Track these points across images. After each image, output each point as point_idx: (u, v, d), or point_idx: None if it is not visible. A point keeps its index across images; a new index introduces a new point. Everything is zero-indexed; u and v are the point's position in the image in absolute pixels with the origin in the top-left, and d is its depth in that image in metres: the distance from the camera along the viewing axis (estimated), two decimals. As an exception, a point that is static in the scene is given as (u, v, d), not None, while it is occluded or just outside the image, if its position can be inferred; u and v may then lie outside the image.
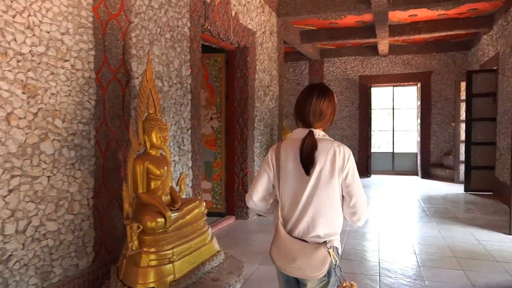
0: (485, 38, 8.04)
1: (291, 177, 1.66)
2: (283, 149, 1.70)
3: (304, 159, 1.61)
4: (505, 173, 6.43)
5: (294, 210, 1.64)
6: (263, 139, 6.03)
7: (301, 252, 1.57)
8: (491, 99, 7.35)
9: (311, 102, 1.69)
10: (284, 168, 1.66)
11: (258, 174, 1.77)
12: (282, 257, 1.61)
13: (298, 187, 1.63)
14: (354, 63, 10.46)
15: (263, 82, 5.95)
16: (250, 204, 1.79)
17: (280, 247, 1.61)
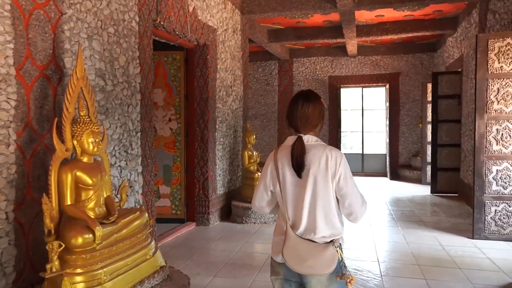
0: (450, 40, 8.08)
1: (290, 183, 1.75)
2: (279, 156, 1.78)
3: (294, 163, 1.71)
4: (469, 175, 6.43)
5: (298, 213, 1.74)
6: (226, 141, 5.78)
7: (312, 252, 1.69)
8: (456, 100, 7.38)
9: (297, 108, 1.79)
10: (282, 174, 1.76)
11: (259, 181, 1.88)
12: (294, 258, 1.69)
13: (298, 192, 1.74)
14: (324, 63, 10.36)
15: (225, 81, 5.70)
16: (254, 208, 1.93)
17: (291, 248, 1.70)
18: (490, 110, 4.54)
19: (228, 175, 5.91)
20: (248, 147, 5.82)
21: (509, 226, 4.46)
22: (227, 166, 5.85)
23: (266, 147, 10.74)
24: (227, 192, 5.87)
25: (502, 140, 4.48)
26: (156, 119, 5.28)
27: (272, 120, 10.73)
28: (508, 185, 4.46)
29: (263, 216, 5.37)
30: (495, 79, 4.52)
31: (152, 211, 3.94)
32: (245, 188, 5.71)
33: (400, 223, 5.37)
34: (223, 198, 5.73)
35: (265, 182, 1.83)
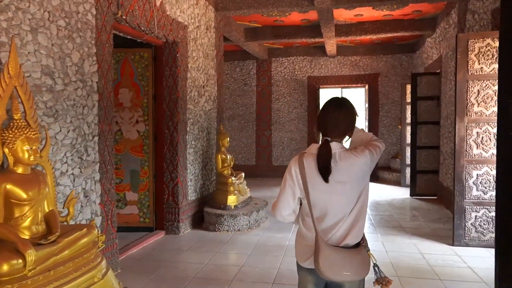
0: (429, 41, 7.99)
1: (319, 190, 1.72)
2: (306, 163, 1.74)
3: (321, 167, 1.70)
4: (448, 178, 6.32)
5: (330, 220, 1.73)
6: (198, 144, 5.48)
7: (349, 259, 1.69)
8: (435, 102, 7.27)
9: (329, 113, 1.78)
10: (310, 181, 1.72)
11: (284, 188, 1.80)
12: (333, 268, 1.66)
13: (328, 199, 1.72)
14: (303, 63, 10.16)
15: (197, 81, 5.39)
16: (278, 217, 1.87)
17: (328, 259, 1.67)
18: (470, 112, 4.39)
19: (201, 180, 5.61)
20: (222, 150, 5.54)
21: (489, 232, 4.32)
22: (200, 171, 5.55)
23: (244, 148, 10.47)
24: (200, 197, 5.57)
25: (482, 143, 4.34)
26: (122, 121, 4.94)
27: (250, 121, 10.46)
28: (489, 190, 4.31)
29: (236, 223, 5.09)
30: (475, 81, 4.38)
31: (113, 222, 3.61)
32: (219, 194, 5.42)
33: (379, 229, 5.19)
34: (195, 204, 5.43)
35: (293, 190, 1.78)
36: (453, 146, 4.55)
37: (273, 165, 10.30)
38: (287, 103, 10.25)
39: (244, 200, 5.55)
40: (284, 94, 10.26)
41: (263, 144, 10.38)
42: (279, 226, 5.37)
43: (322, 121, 1.80)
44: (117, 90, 4.90)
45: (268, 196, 7.70)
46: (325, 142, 1.74)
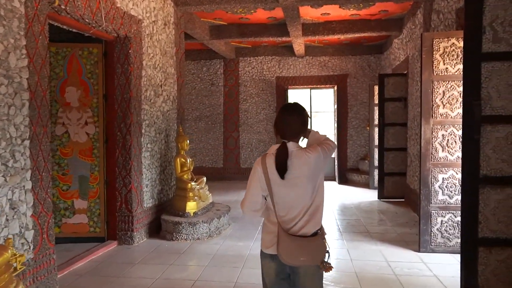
0: (396, 42, 7.93)
1: (278, 186, 1.91)
2: (268, 163, 1.93)
3: (278, 165, 1.89)
4: (415, 180, 6.23)
5: (291, 213, 1.93)
6: (155, 147, 5.13)
7: (305, 246, 1.88)
8: (402, 103, 7.20)
9: (285, 117, 1.97)
10: (272, 179, 1.91)
11: (250, 186, 1.97)
12: (291, 254, 1.86)
13: (286, 194, 1.92)
14: (271, 63, 9.94)
15: (153, 80, 5.04)
16: (247, 213, 2.02)
17: (287, 246, 1.87)
18: (436, 114, 4.26)
19: (159, 185, 5.25)
20: (181, 154, 5.21)
21: (455, 237, 4.20)
22: (157, 175, 5.20)
23: (212, 150, 10.14)
24: (158, 204, 5.22)
25: (448, 146, 4.21)
26: (70, 123, 4.53)
27: (217, 122, 10.14)
28: (454, 194, 4.19)
29: (196, 231, 4.78)
30: (440, 81, 4.25)
31: (49, 236, 3.23)
32: (177, 200, 5.09)
33: (346, 235, 5.00)
34: (153, 211, 5.08)
35: (258, 188, 1.95)
36: (419, 149, 4.41)
37: (241, 168, 10.02)
38: (255, 103, 10.00)
39: (205, 207, 5.23)
40: (252, 94, 10.01)
41: (230, 146, 10.09)
42: (241, 233, 5.09)
43: (279, 125, 1.99)
44: (63, 88, 4.49)
45: (234, 200, 7.42)
46: (283, 144, 1.93)
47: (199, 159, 10.18)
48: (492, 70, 2.89)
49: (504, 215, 2.91)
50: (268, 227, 2.00)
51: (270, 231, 1.97)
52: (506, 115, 2.89)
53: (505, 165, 2.90)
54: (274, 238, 1.93)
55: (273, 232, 1.95)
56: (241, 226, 5.51)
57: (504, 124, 2.90)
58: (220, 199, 7.56)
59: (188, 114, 10.23)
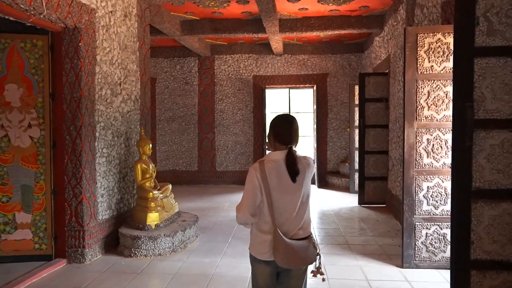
0: (377, 40, 7.60)
1: (280, 192, 2.02)
2: (267, 169, 2.02)
3: (291, 170, 2.02)
4: (397, 186, 5.89)
5: (290, 218, 2.04)
6: (113, 152, 4.60)
7: (302, 249, 2.01)
8: (383, 104, 6.86)
9: (291, 126, 2.12)
10: (272, 185, 2.01)
11: (249, 192, 2.03)
12: (290, 257, 1.98)
13: (289, 199, 2.04)
14: (248, 61, 9.49)
15: (110, 77, 4.52)
16: (242, 219, 2.04)
17: (286, 250, 1.97)
18: (420, 116, 3.88)
19: (118, 194, 4.74)
20: (143, 159, 4.70)
21: (441, 251, 3.83)
22: (116, 183, 4.68)
23: (186, 153, 9.62)
24: (117, 215, 4.71)
25: (433, 152, 3.84)
26: (10, 125, 3.98)
27: (191, 123, 9.63)
28: (440, 204, 3.83)
29: (157, 246, 4.28)
30: (425, 81, 3.88)
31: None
32: (138, 211, 4.58)
33: (323, 248, 4.59)
34: (111, 223, 4.56)
35: (256, 193, 2.01)
36: (402, 153, 4.04)
37: (216, 171, 9.53)
38: (231, 104, 9.53)
39: (169, 217, 4.74)
40: (228, 94, 9.53)
41: (206, 148, 9.59)
42: (209, 246, 4.63)
43: (281, 132, 2.10)
44: (2, 85, 3.94)
45: (207, 206, 6.94)
46: (290, 149, 2.06)
47: (173, 162, 9.65)
48: (486, 67, 2.51)
49: (499, 233, 2.53)
50: (260, 236, 2.07)
51: (263, 240, 2.05)
52: (501, 119, 2.51)
53: (500, 176, 2.52)
54: (268, 246, 2.03)
55: (266, 240, 2.04)
56: (210, 237, 5.04)
57: (499, 130, 2.52)
58: (192, 205, 7.08)
59: (160, 114, 9.68)
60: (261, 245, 2.06)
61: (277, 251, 1.97)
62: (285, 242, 1.97)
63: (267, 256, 2.04)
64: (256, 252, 2.09)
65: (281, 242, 1.97)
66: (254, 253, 2.11)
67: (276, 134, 2.11)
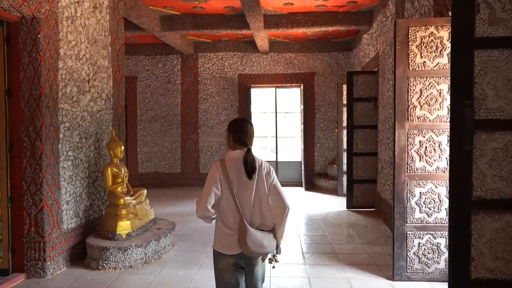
0: (366, 38, 7.33)
1: (240, 187, 2.23)
2: (228, 166, 2.24)
3: (249, 168, 2.24)
4: (387, 190, 5.61)
5: (249, 210, 2.24)
6: (80, 155, 4.23)
7: (263, 238, 2.21)
8: (372, 104, 6.58)
9: (247, 129, 2.35)
10: (233, 180, 2.22)
11: (209, 187, 2.20)
12: (254, 245, 2.16)
13: (248, 194, 2.24)
14: (233, 59, 9.15)
15: (76, 73, 4.14)
16: (202, 213, 2.20)
17: (252, 238, 2.16)
18: (412, 117, 3.59)
19: (87, 200, 4.36)
20: (114, 162, 4.33)
21: (434, 262, 3.55)
22: (84, 189, 4.30)
23: (168, 154, 9.24)
24: (86, 223, 4.33)
25: (426, 155, 3.55)
26: (-39, 125, 3.57)
27: (174, 124, 9.25)
28: (433, 212, 3.54)
29: (127, 258, 3.92)
30: (417, 78, 3.59)
31: None
32: (108, 219, 4.21)
33: (309, 257, 4.28)
34: (77, 233, 4.18)
35: (217, 188, 2.20)
36: (392, 156, 3.75)
37: (200, 173, 9.18)
38: (215, 103, 9.18)
39: (142, 226, 4.38)
40: (212, 93, 9.18)
41: (189, 149, 9.22)
42: (186, 256, 4.28)
43: (240, 134, 2.32)
44: (-49, 82, 3.53)
45: (188, 211, 6.59)
46: (249, 150, 2.30)
47: (154, 164, 9.26)
48: (488, 61, 2.23)
49: (503, 249, 2.25)
50: (226, 231, 2.23)
51: (229, 235, 2.21)
52: (505, 119, 2.23)
53: (504, 184, 2.24)
54: (235, 240, 2.19)
55: (232, 235, 2.21)
56: (188, 245, 4.69)
57: (502, 131, 2.24)
58: (172, 210, 6.72)
59: (142, 114, 9.28)
60: (226, 240, 2.22)
61: (244, 240, 2.14)
62: (250, 230, 2.16)
63: (236, 251, 2.20)
64: (223, 247, 2.24)
65: (248, 230, 2.15)
66: (219, 249, 2.26)
67: (236, 136, 2.32)
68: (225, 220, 2.23)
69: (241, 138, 2.31)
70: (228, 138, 2.35)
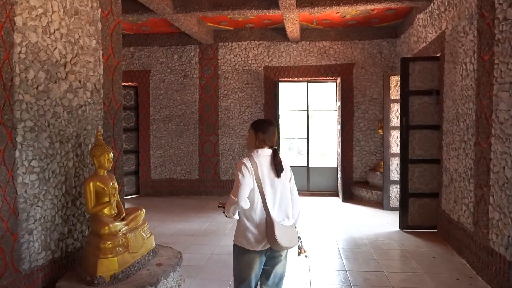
0: (421, 18, 5.97)
1: (267, 183, 2.33)
2: (258, 163, 2.33)
3: (279, 167, 2.37)
4: (460, 209, 4.25)
5: (275, 206, 2.34)
6: (52, 166, 3.09)
7: (290, 232, 2.32)
8: (433, 98, 5.22)
9: (274, 130, 2.46)
10: (262, 177, 2.31)
11: (243, 180, 2.26)
12: (283, 239, 2.24)
13: (275, 190, 2.34)
14: (258, 50, 7.95)
15: (44, 53, 3.02)
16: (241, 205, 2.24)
17: (279, 233, 2.23)
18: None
19: (63, 225, 3.24)
20: (99, 175, 3.19)
21: None
22: (58, 211, 3.19)
23: (184, 159, 8.13)
24: (62, 257, 3.22)
25: None
26: None
27: (191, 124, 8.13)
28: None
29: (109, 313, 2.76)
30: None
31: None
32: (87, 253, 3.05)
33: (366, 312, 3.01)
34: (49, 271, 3.07)
35: (249, 181, 2.27)
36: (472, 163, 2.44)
37: (220, 180, 8.03)
38: (238, 100, 8.00)
39: (137, 261, 3.22)
40: (234, 89, 8.00)
41: (208, 153, 8.08)
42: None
43: (269, 136, 2.42)
44: None
45: (203, 230, 5.43)
46: (275, 150, 2.43)
47: (169, 170, 8.17)
48: None
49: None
50: (250, 227, 2.32)
51: (253, 231, 2.31)
52: None
53: None
54: (261, 235, 2.30)
55: (257, 231, 2.31)
56: (200, 284, 3.51)
57: None
58: (184, 228, 5.58)
59: (155, 113, 8.22)
60: (253, 236, 2.31)
61: (273, 234, 2.22)
62: (277, 225, 2.26)
63: (262, 246, 2.31)
64: (247, 243, 2.32)
65: (275, 225, 2.24)
66: (244, 245, 2.33)
67: (264, 136, 2.41)
68: (251, 215, 2.32)
69: (271, 140, 2.43)
70: (257, 139, 2.41)
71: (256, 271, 2.35)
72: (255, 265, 2.33)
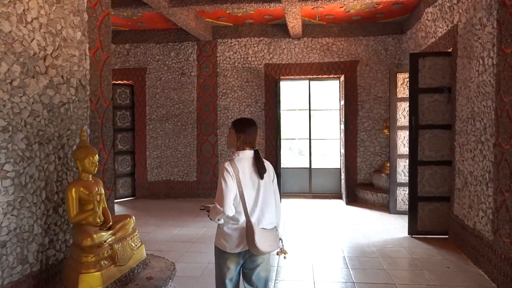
0: (430, 12, 5.66)
1: (249, 187, 2.30)
2: (239, 166, 2.28)
3: (260, 168, 2.34)
4: (476, 215, 3.94)
5: (256, 209, 2.31)
6: (30, 170, 2.79)
7: (270, 236, 2.30)
8: (444, 96, 4.91)
9: (256, 130, 2.42)
10: (243, 180, 2.27)
11: (226, 187, 2.20)
12: (263, 243, 2.22)
13: (256, 193, 2.32)
14: (258, 46, 7.64)
15: (20, 44, 2.71)
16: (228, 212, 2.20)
17: (260, 237, 2.21)
18: None
19: (43, 235, 2.94)
20: (83, 180, 2.88)
21: None
22: (38, 220, 2.88)
23: (182, 159, 7.83)
24: (41, 270, 2.91)
25: None
26: None
27: (189, 124, 7.83)
28: None
29: (91, 336, 2.46)
30: None
31: None
32: (69, 267, 2.75)
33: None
34: (28, 286, 2.76)
35: (233, 187, 2.22)
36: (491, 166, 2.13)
37: (219, 182, 7.70)
38: (237, 99, 7.69)
39: (124, 275, 2.91)
40: (233, 87, 7.70)
41: (206, 153, 7.78)
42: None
43: (250, 136, 2.37)
44: None
45: (200, 236, 5.12)
46: (257, 151, 2.39)
47: (166, 171, 7.86)
48: None
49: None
50: (229, 232, 2.29)
51: (233, 234, 2.29)
52: None
53: None
54: (240, 238, 2.27)
55: (237, 234, 2.28)
56: None
57: None
58: (180, 233, 5.27)
59: (151, 112, 7.91)
60: (233, 240, 2.28)
61: (252, 239, 2.19)
62: (258, 230, 2.23)
63: (241, 248, 2.28)
64: (229, 247, 2.29)
65: (255, 230, 2.21)
66: (224, 248, 2.31)
67: (246, 137, 2.36)
68: (232, 218, 2.27)
69: (253, 139, 2.39)
70: (238, 140, 2.36)
71: (232, 273, 2.34)
72: (231, 267, 2.33)
